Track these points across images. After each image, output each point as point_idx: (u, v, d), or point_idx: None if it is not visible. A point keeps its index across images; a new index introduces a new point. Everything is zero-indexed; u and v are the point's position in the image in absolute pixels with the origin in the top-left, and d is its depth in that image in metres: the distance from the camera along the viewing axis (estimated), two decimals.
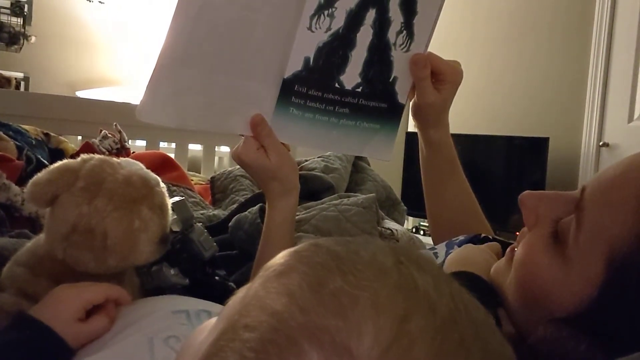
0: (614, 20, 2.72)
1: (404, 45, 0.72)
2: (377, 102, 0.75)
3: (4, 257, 0.70)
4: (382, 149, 0.79)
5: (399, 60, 0.73)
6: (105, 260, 0.64)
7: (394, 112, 0.76)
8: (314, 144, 0.76)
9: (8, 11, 3.24)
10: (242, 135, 0.73)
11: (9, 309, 0.63)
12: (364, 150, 0.80)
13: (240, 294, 0.30)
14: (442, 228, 0.91)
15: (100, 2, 3.47)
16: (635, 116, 2.64)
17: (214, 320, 0.33)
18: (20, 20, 3.26)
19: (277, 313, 0.26)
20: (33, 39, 3.26)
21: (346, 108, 0.73)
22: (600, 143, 2.76)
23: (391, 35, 0.71)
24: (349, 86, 0.71)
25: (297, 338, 0.24)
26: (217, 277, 0.79)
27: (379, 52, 0.71)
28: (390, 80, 0.74)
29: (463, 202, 0.90)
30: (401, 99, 0.76)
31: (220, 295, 0.64)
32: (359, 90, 0.72)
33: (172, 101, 0.66)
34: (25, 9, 3.29)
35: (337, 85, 0.71)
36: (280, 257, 0.30)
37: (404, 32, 0.72)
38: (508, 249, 0.57)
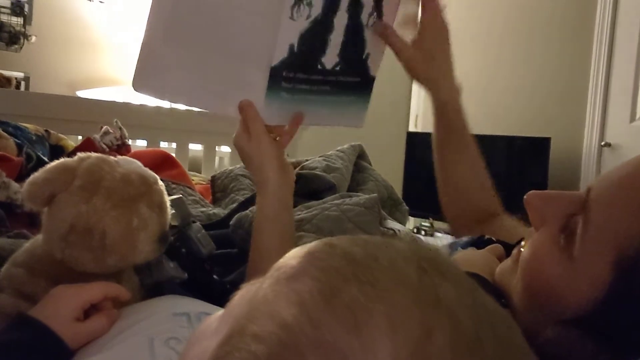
0: (616, 19, 2.72)
1: (374, 25, 0.80)
2: (352, 77, 0.82)
3: (1, 258, 0.69)
4: (355, 117, 0.86)
5: (371, 38, 0.80)
6: (105, 260, 0.64)
7: (366, 84, 0.84)
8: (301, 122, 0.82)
9: (8, 11, 3.24)
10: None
11: (7, 310, 0.62)
12: (340, 121, 0.87)
13: (248, 291, 0.29)
14: (450, 198, 0.91)
15: (100, 1, 3.47)
16: (637, 116, 2.63)
17: (217, 315, 0.32)
18: (20, 20, 3.26)
19: (286, 325, 0.24)
20: (33, 38, 3.26)
21: (327, 86, 0.79)
22: (603, 143, 2.75)
23: (364, 17, 0.77)
24: (329, 66, 0.77)
25: (307, 355, 0.23)
26: (215, 277, 0.78)
27: (354, 33, 0.78)
28: (364, 57, 0.81)
29: (472, 170, 0.89)
30: (372, 72, 0.84)
31: (218, 295, 0.63)
32: (338, 68, 0.79)
33: (162, 76, 0.71)
34: (26, 9, 3.29)
35: (319, 66, 0.77)
36: (292, 258, 0.28)
37: (374, 13, 0.79)
38: (514, 250, 0.56)
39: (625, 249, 0.43)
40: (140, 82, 0.70)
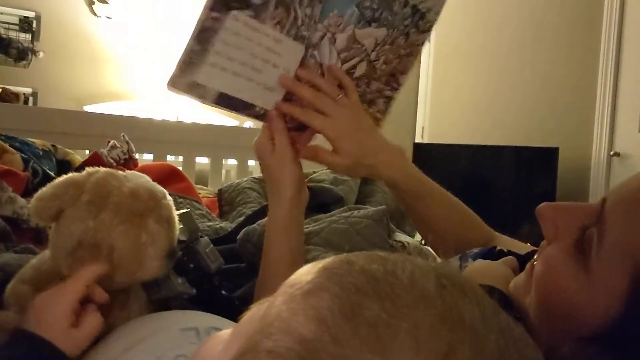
0: (623, 29, 2.71)
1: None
2: None
3: (8, 274, 0.69)
4: None
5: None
6: (112, 276, 0.63)
7: None
8: None
9: (16, 27, 3.27)
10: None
11: (13, 327, 0.61)
12: None
13: (258, 310, 0.28)
14: (435, 239, 0.89)
15: (107, 17, 3.50)
16: None
17: (224, 333, 0.31)
18: (28, 36, 3.29)
19: (305, 341, 0.23)
20: (41, 54, 3.29)
21: None
22: (611, 153, 2.73)
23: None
24: None
25: None
26: (223, 292, 0.77)
27: None
28: None
29: (452, 213, 0.87)
30: None
31: (227, 311, 0.62)
32: None
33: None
34: (34, 25, 3.32)
35: None
36: (307, 273, 0.27)
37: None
38: (528, 264, 0.54)
39: None
40: (175, 82, 0.69)
